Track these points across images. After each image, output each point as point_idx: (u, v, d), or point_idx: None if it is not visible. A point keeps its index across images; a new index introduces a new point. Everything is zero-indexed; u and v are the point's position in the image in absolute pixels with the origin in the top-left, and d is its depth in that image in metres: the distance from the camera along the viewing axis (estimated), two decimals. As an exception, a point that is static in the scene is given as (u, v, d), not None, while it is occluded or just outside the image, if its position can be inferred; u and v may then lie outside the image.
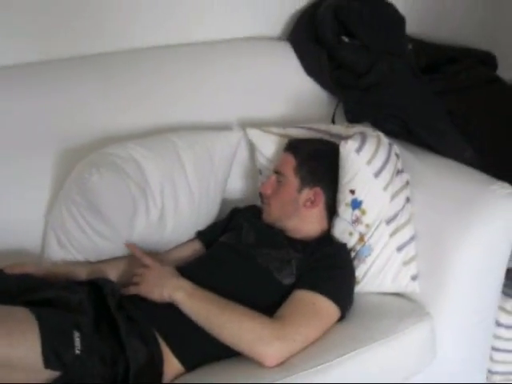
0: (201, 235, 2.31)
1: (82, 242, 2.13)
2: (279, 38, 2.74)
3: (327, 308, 1.93)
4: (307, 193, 2.17)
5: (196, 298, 1.89)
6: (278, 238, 2.16)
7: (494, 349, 2.36)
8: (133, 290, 1.96)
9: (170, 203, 2.21)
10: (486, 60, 2.95)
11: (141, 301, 1.93)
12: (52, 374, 1.63)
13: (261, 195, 2.27)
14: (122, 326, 1.79)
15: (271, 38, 2.72)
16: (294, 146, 2.23)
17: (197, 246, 2.29)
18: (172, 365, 1.85)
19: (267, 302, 1.95)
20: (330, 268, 2.04)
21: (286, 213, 2.19)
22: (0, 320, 1.62)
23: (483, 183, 2.16)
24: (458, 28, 3.08)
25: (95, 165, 2.08)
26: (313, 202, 2.17)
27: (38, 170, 2.20)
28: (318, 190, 2.17)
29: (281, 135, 2.38)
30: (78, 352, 1.66)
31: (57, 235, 2.15)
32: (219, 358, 1.88)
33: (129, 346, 1.76)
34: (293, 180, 2.18)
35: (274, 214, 2.20)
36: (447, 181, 2.22)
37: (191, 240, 2.30)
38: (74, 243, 2.13)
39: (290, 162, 2.19)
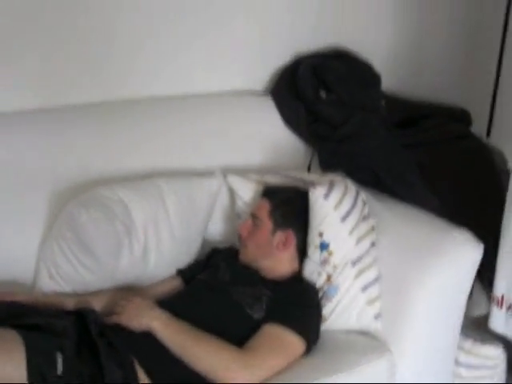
0: (181, 272, 2.47)
1: (71, 275, 2.31)
2: (262, 93, 2.92)
3: (293, 341, 2.09)
4: (280, 235, 2.33)
5: (171, 327, 2.05)
6: (252, 276, 2.31)
7: (455, 387, 2.50)
8: (114, 319, 2.11)
9: (152, 242, 2.38)
10: (460, 116, 3.11)
11: (121, 330, 2.07)
12: None
13: (239, 237, 2.41)
14: (102, 351, 1.94)
15: (255, 92, 2.90)
16: (269, 192, 2.41)
17: (177, 283, 2.44)
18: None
19: (238, 334, 2.10)
20: (297, 305, 2.18)
21: (260, 254, 2.34)
22: None
23: (443, 230, 2.33)
24: (434, 86, 3.23)
25: (85, 205, 2.27)
26: (285, 244, 2.33)
27: (33, 208, 2.37)
28: (289, 232, 2.33)
29: (259, 182, 2.54)
30: (59, 373, 1.82)
31: (48, 268, 2.33)
32: (191, 382, 2.03)
33: (107, 368, 1.90)
34: (267, 223, 2.33)
35: (249, 254, 2.36)
36: (411, 227, 2.38)
37: (172, 276, 2.46)
38: (63, 276, 2.31)
39: (265, 206, 2.35)
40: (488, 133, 3.43)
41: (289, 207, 2.37)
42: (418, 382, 2.28)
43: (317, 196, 2.29)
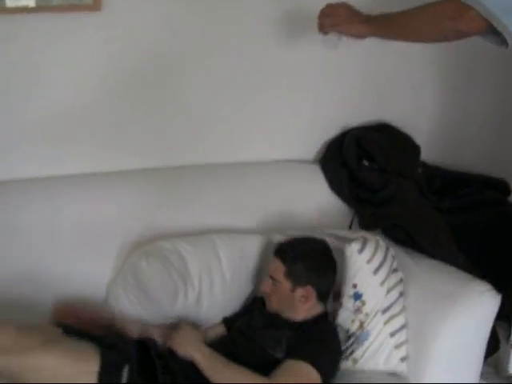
0: (225, 321, 2.77)
1: (131, 314, 2.68)
2: (311, 161, 3.28)
3: (308, 372, 2.34)
4: (300, 291, 2.52)
5: (210, 360, 2.39)
6: (277, 322, 2.55)
7: (477, 427, 2.72)
8: (168, 343, 2.47)
9: (206, 289, 2.75)
10: (498, 186, 3.40)
11: (174, 356, 2.43)
12: None
13: (263, 292, 2.61)
14: (159, 370, 2.34)
15: (304, 161, 3.26)
16: (281, 251, 2.58)
17: (221, 329, 2.74)
18: None
19: (264, 371, 2.37)
20: (314, 341, 2.45)
21: (283, 307, 2.56)
22: (70, 348, 2.18)
23: (464, 281, 2.60)
24: (473, 157, 3.51)
25: (145, 254, 2.69)
26: (306, 298, 2.53)
27: (104, 256, 2.76)
28: (309, 288, 2.53)
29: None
30: (124, 381, 2.21)
31: (113, 308, 2.71)
32: None
33: None
34: (285, 283, 2.53)
35: (274, 307, 2.58)
36: (435, 279, 2.66)
37: (218, 324, 2.77)
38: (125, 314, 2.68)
39: (280, 267, 2.53)
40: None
41: (303, 264, 2.54)
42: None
43: (352, 251, 2.60)
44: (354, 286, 2.60)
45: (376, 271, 2.59)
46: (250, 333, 2.56)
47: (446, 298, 2.55)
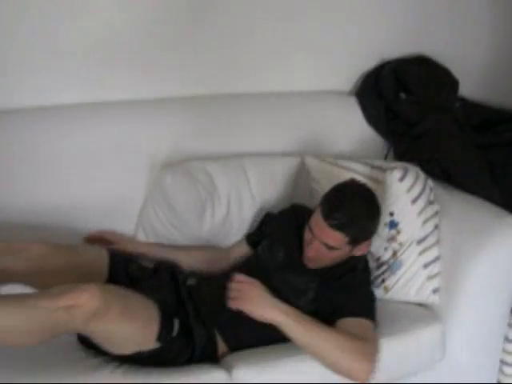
0: (248, 239, 2.74)
1: (163, 234, 2.74)
2: (348, 93, 3.28)
3: (371, 326, 2.33)
4: (359, 248, 2.41)
5: (297, 322, 2.23)
6: (302, 264, 2.45)
7: (504, 363, 2.73)
8: (236, 305, 2.27)
9: (235, 208, 2.80)
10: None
11: (203, 295, 2.42)
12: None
13: (306, 244, 2.41)
14: (190, 312, 2.33)
15: (342, 93, 3.27)
16: (342, 226, 2.29)
17: (245, 248, 2.72)
18: (221, 347, 2.36)
19: None
20: (358, 291, 2.42)
21: (334, 262, 2.44)
22: (136, 307, 2.17)
23: (498, 215, 2.62)
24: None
25: (171, 169, 2.73)
26: (364, 250, 2.46)
27: (135, 178, 2.80)
28: (367, 242, 2.44)
29: (333, 164, 2.87)
30: (174, 335, 2.22)
31: (144, 228, 2.76)
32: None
33: (195, 329, 2.29)
34: (344, 248, 2.35)
35: (320, 264, 2.43)
36: (470, 213, 2.68)
37: (240, 241, 2.77)
38: (157, 234, 2.75)
39: (342, 239, 2.31)
40: None
41: (362, 228, 2.37)
42: (467, 352, 2.58)
43: (393, 178, 2.59)
44: (391, 214, 2.61)
45: (414, 201, 2.59)
46: (272, 275, 2.45)
47: (479, 231, 2.57)
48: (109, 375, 2.13)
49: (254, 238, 2.73)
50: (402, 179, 2.58)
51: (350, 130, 3.14)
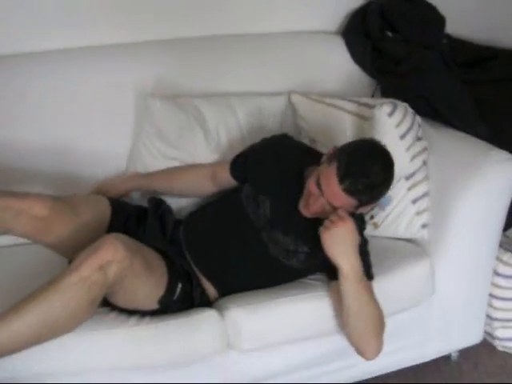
0: (233, 169, 2.61)
1: (153, 168, 2.76)
2: (334, 32, 3.27)
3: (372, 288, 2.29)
4: (363, 208, 2.32)
5: (356, 280, 2.20)
6: (292, 221, 2.37)
7: (494, 296, 2.81)
8: (323, 233, 2.22)
9: (224, 142, 2.82)
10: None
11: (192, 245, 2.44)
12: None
13: (309, 195, 2.29)
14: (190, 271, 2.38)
15: (327, 32, 3.26)
16: (355, 191, 2.17)
17: (228, 176, 2.61)
18: (212, 293, 2.40)
19: (275, 275, 2.41)
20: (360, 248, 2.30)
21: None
22: (152, 266, 2.21)
23: (485, 150, 2.64)
24: (501, 32, 3.48)
25: (158, 97, 2.75)
26: (364, 211, 2.42)
27: (123, 115, 2.82)
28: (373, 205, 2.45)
29: (319, 102, 2.89)
30: (175, 298, 2.26)
31: (135, 166, 2.78)
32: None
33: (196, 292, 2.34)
34: (350, 209, 2.26)
35: (317, 215, 2.32)
36: (457, 148, 2.71)
37: (223, 165, 2.65)
38: (148, 170, 2.76)
39: (351, 203, 2.21)
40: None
41: (377, 194, 2.26)
42: (456, 287, 2.64)
43: (382, 114, 2.58)
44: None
45: (403, 136, 2.59)
46: (260, 234, 2.39)
47: (466, 166, 2.61)
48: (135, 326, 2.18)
49: (238, 173, 2.60)
50: (390, 114, 2.58)
51: (337, 70, 3.14)
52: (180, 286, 2.29)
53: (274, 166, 2.47)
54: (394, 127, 2.58)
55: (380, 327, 2.25)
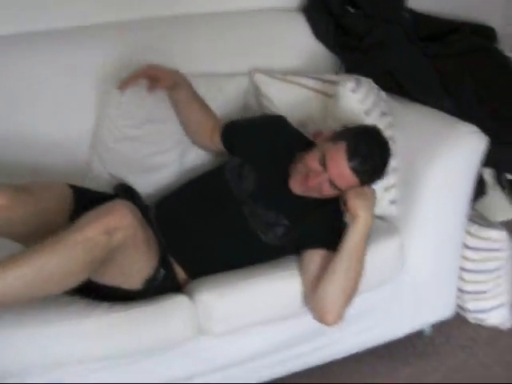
0: (224, 134, 2.67)
1: (117, 155, 2.75)
2: (295, 10, 3.25)
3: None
4: None
5: (362, 241, 2.29)
6: (275, 195, 2.44)
7: (464, 269, 2.84)
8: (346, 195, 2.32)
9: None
10: (485, 32, 3.43)
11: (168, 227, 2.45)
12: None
13: (309, 172, 2.33)
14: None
15: (289, 9, 3.24)
16: (361, 171, 2.27)
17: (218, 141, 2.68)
18: (181, 276, 2.41)
19: (250, 253, 2.43)
20: (336, 221, 2.43)
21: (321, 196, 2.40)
22: (150, 242, 2.26)
23: (451, 123, 2.67)
24: (461, 5, 3.52)
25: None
26: None
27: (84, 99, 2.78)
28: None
29: (282, 80, 2.90)
30: (157, 283, 2.28)
31: (99, 154, 2.76)
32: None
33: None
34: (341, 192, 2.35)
35: (308, 194, 2.39)
36: (422, 123, 2.73)
37: (215, 120, 2.73)
38: (113, 157, 2.75)
39: (353, 183, 2.30)
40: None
41: (375, 179, 2.40)
42: (426, 262, 2.67)
43: (345, 90, 2.61)
44: (345, 127, 2.56)
45: (368, 112, 2.62)
46: (241, 206, 2.45)
47: (432, 140, 2.63)
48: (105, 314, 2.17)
49: (228, 137, 2.67)
50: (354, 90, 2.61)
51: (299, 47, 3.14)
52: (163, 272, 2.31)
53: (266, 141, 2.55)
54: (358, 103, 2.61)
55: (353, 294, 2.28)
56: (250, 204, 2.43)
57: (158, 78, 2.62)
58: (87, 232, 1.99)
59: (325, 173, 2.29)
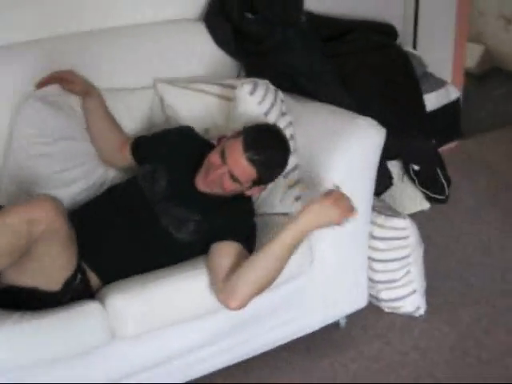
0: (134, 146, 2.80)
1: (29, 169, 2.77)
2: (196, 20, 3.34)
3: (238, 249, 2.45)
4: (254, 189, 2.57)
5: (289, 244, 2.34)
6: (186, 194, 2.56)
7: (373, 259, 2.96)
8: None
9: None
10: (385, 30, 3.58)
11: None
12: None
13: (210, 167, 2.49)
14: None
15: (189, 20, 3.33)
16: (257, 161, 2.41)
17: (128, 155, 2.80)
18: (95, 282, 2.47)
19: (163, 254, 2.53)
20: (238, 220, 2.57)
21: (225, 194, 2.54)
22: (72, 240, 2.33)
23: (351, 118, 2.80)
24: (359, 4, 3.70)
25: (34, 97, 2.78)
26: (258, 192, 2.64)
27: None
28: (262, 188, 2.62)
29: (184, 88, 3.01)
30: (74, 286, 2.36)
31: (10, 169, 2.79)
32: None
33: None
34: (246, 184, 2.49)
35: (212, 190, 2.53)
36: (322, 119, 2.85)
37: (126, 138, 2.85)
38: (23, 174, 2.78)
39: (251, 174, 2.44)
40: (414, 46, 3.92)
41: (273, 172, 2.56)
42: (334, 253, 2.77)
43: (243, 93, 2.73)
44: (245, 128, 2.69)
45: (266, 113, 2.73)
46: (153, 207, 2.56)
47: (331, 135, 2.74)
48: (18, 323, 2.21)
49: (138, 150, 2.79)
50: (252, 93, 2.72)
51: (201, 55, 3.21)
52: (80, 277, 2.38)
53: (176, 147, 2.70)
54: (256, 105, 2.72)
55: (264, 288, 2.36)
56: (163, 204, 2.55)
57: (72, 82, 2.76)
58: (7, 218, 2.09)
59: (224, 165, 2.43)
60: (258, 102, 2.72)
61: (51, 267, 2.29)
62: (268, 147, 2.48)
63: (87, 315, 2.30)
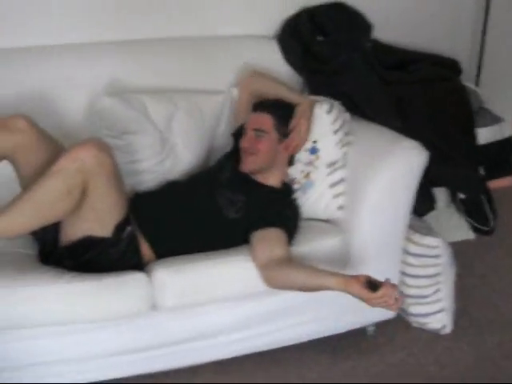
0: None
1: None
2: (270, 37, 3.68)
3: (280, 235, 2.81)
4: (286, 143, 3.06)
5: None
6: (242, 183, 3.02)
7: (406, 274, 3.21)
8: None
9: (167, 134, 3.20)
10: (449, 64, 3.83)
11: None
12: None
13: (242, 149, 3.04)
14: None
15: (264, 37, 3.68)
16: (267, 106, 3.09)
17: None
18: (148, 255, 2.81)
19: (213, 231, 2.88)
20: (280, 207, 2.98)
21: (266, 161, 3.03)
22: (121, 182, 2.75)
23: (395, 139, 3.07)
24: (428, 39, 3.98)
25: (108, 95, 3.12)
26: (287, 148, 3.07)
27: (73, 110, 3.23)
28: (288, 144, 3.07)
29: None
30: (124, 236, 2.72)
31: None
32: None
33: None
34: (272, 135, 3.04)
35: (255, 162, 3.02)
36: (371, 138, 3.14)
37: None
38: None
39: (268, 119, 3.04)
40: (477, 82, 4.17)
41: (287, 113, 3.08)
42: (369, 263, 3.00)
43: (321, 111, 3.10)
44: (314, 141, 3.10)
45: (336, 132, 3.10)
46: (213, 186, 3.00)
47: (377, 153, 3.03)
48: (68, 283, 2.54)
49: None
50: (329, 112, 3.08)
51: (269, 69, 3.49)
52: (129, 228, 2.72)
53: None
54: (330, 123, 3.09)
55: (292, 290, 2.72)
56: (221, 191, 2.97)
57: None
58: (60, 163, 2.46)
59: (247, 130, 3.03)
60: (331, 120, 3.09)
61: (103, 212, 2.62)
62: (268, 100, 3.12)
63: (133, 283, 2.61)
